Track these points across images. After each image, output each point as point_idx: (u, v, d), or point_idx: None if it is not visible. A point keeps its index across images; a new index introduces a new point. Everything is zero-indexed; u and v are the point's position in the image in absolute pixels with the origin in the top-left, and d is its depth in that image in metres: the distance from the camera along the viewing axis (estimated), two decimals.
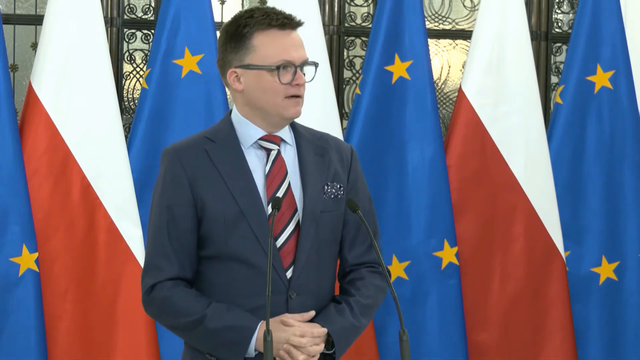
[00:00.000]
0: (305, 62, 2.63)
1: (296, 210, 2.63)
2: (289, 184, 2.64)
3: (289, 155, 2.68)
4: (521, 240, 4.41)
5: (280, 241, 2.61)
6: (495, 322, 4.41)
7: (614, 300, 4.54)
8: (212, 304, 2.59)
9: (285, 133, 2.69)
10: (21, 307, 3.96)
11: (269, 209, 2.58)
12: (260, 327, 2.54)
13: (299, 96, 2.62)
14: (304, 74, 2.63)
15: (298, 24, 2.64)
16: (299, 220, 2.62)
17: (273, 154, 2.65)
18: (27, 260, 3.96)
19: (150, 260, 2.64)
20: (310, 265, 2.62)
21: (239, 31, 2.62)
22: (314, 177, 2.66)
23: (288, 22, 2.62)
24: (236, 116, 2.68)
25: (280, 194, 2.62)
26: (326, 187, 2.66)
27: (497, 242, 4.41)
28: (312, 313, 2.61)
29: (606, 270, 4.53)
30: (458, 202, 4.38)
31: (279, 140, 2.67)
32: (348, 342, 2.64)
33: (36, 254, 3.97)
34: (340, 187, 2.68)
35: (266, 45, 2.60)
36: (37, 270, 3.97)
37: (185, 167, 2.62)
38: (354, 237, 2.72)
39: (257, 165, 2.64)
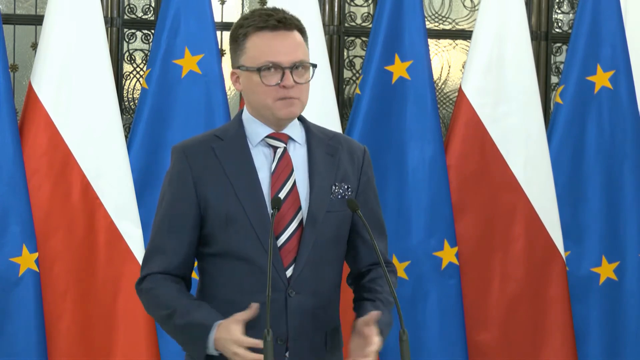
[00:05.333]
0: (297, 64, 2.60)
1: (300, 209, 2.63)
2: (294, 182, 2.64)
3: (299, 154, 2.67)
4: (521, 240, 4.40)
5: (281, 240, 2.61)
6: (495, 322, 4.41)
7: (614, 300, 4.53)
8: (184, 300, 2.60)
9: (296, 132, 2.69)
10: (21, 307, 3.96)
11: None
12: (218, 327, 2.52)
13: (291, 98, 2.60)
14: (296, 76, 2.59)
15: (293, 25, 2.62)
16: (302, 219, 2.62)
17: (279, 151, 2.65)
18: (27, 260, 3.96)
19: (148, 253, 2.68)
20: (311, 264, 2.62)
21: (237, 33, 2.65)
22: (322, 177, 2.65)
23: (280, 24, 2.61)
24: (245, 114, 2.69)
25: (284, 192, 2.62)
26: (334, 187, 2.66)
27: (497, 242, 4.41)
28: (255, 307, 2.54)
29: (606, 270, 4.53)
30: (458, 202, 4.38)
31: (286, 138, 2.67)
32: (385, 336, 2.63)
33: (36, 254, 3.97)
34: (348, 187, 2.68)
35: (255, 47, 2.61)
36: (37, 270, 3.97)
37: (191, 165, 2.63)
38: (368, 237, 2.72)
39: (263, 163, 2.65)
